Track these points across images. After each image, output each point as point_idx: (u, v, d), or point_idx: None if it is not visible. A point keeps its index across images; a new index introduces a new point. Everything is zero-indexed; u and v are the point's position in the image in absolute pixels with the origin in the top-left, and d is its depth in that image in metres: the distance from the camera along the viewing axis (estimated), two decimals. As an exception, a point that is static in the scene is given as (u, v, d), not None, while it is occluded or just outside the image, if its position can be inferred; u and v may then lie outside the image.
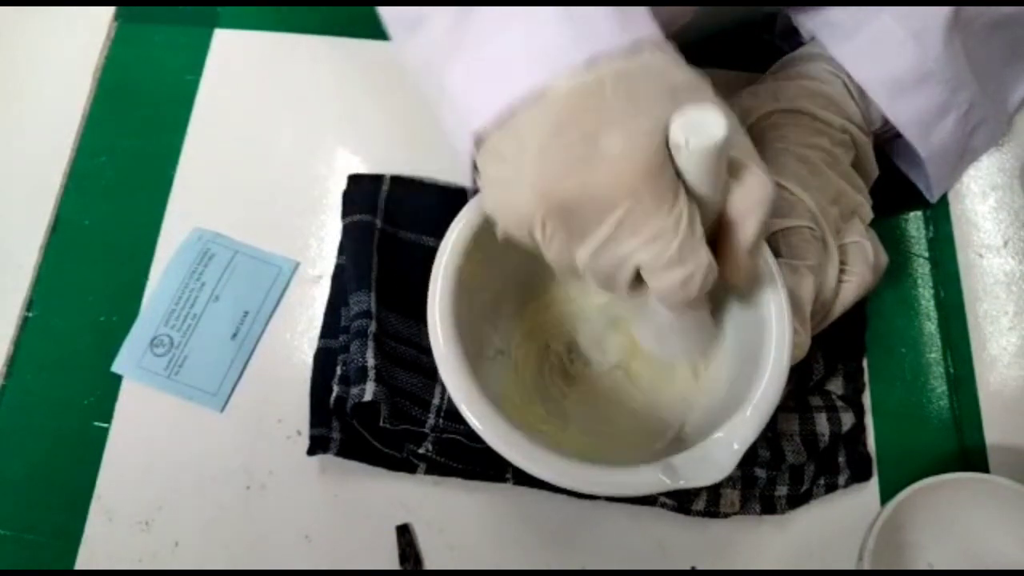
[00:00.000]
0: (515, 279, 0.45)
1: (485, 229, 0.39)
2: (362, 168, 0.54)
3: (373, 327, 0.46)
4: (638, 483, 0.37)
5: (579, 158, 0.31)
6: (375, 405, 0.44)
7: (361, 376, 0.44)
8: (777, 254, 0.42)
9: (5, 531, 0.45)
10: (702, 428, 0.40)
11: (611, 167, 0.31)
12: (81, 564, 0.44)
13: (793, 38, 0.54)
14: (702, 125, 0.30)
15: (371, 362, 0.45)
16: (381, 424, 0.44)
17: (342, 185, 0.53)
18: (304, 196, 0.53)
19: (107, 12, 0.58)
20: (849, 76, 0.47)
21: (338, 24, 0.58)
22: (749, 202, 0.33)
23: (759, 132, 0.47)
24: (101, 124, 0.55)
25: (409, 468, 0.46)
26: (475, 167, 0.36)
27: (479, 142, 0.34)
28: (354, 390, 0.44)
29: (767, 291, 0.41)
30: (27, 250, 0.51)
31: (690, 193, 0.32)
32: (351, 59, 0.57)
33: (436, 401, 0.46)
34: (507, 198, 0.33)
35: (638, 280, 0.34)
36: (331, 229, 0.52)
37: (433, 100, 0.37)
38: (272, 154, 0.54)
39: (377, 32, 0.42)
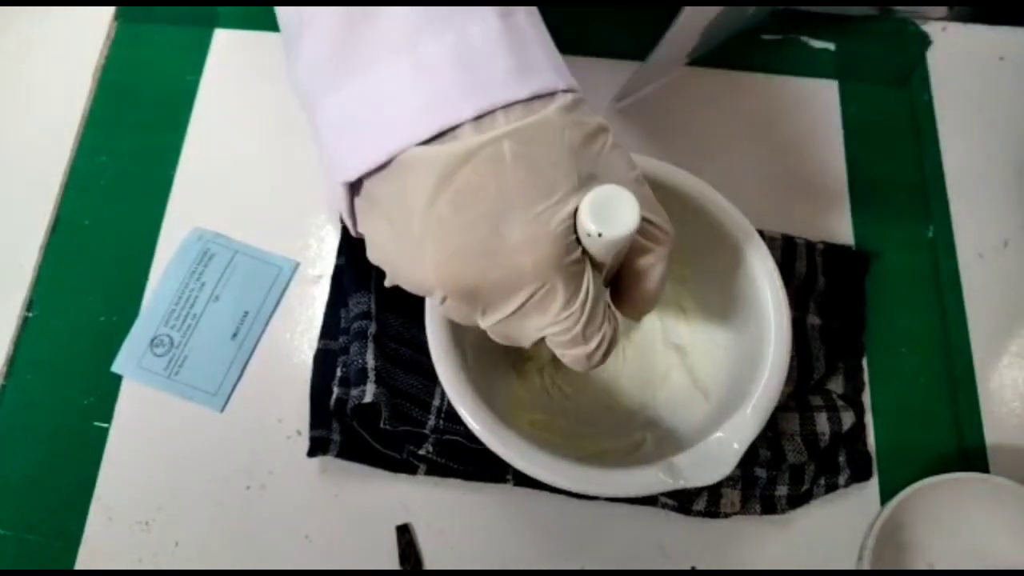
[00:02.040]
0: None
1: None
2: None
3: (373, 328, 0.46)
4: (639, 484, 0.37)
5: (480, 244, 0.29)
6: (375, 406, 0.44)
7: (361, 377, 0.44)
8: None
9: (5, 531, 0.45)
10: (702, 428, 0.41)
11: (514, 258, 0.29)
12: (81, 564, 0.44)
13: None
14: (613, 215, 0.29)
15: (371, 363, 0.45)
16: (381, 425, 0.44)
17: (342, 185, 0.53)
18: (304, 196, 0.53)
19: (107, 12, 0.58)
20: None
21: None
22: (651, 261, 0.33)
23: None
24: (101, 124, 0.55)
25: (409, 469, 0.46)
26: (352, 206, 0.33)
27: (356, 187, 0.32)
28: (354, 391, 0.44)
29: (766, 291, 0.41)
30: (27, 250, 0.51)
31: (594, 265, 0.32)
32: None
33: (436, 402, 0.46)
34: (402, 268, 0.32)
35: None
36: (331, 229, 0.52)
37: (310, 127, 0.34)
38: (272, 153, 0.54)
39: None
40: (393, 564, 0.45)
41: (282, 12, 0.34)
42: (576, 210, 0.29)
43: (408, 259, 0.31)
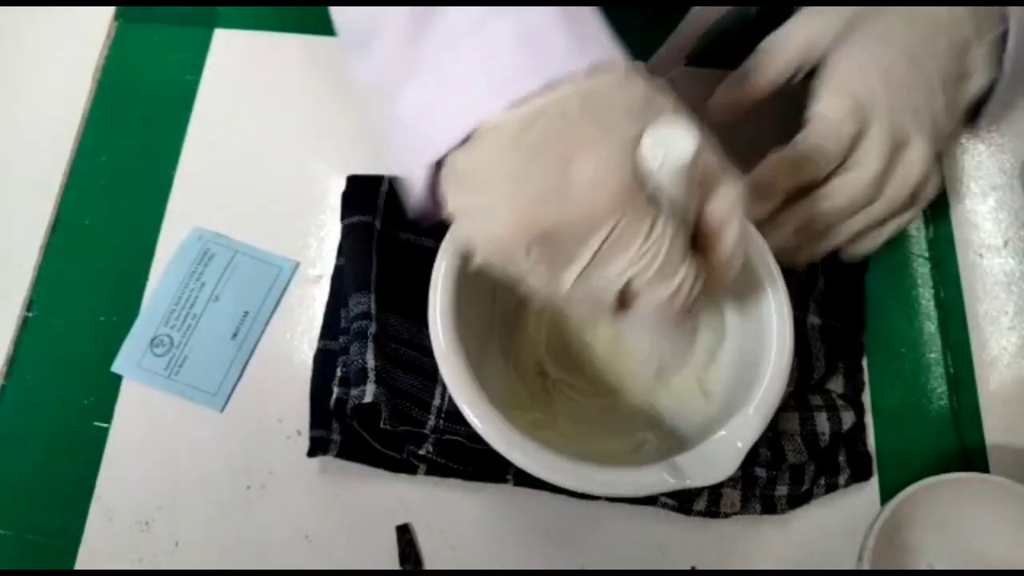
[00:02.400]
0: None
1: None
2: (362, 168, 0.54)
3: (373, 328, 0.46)
4: (642, 483, 0.37)
5: (554, 186, 0.31)
6: (375, 406, 0.44)
7: (361, 378, 0.44)
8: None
9: (5, 531, 0.45)
10: (704, 428, 0.41)
11: (587, 193, 0.31)
12: (81, 564, 0.44)
13: None
14: (673, 140, 0.31)
15: (371, 363, 0.45)
16: (381, 425, 0.44)
17: (342, 185, 0.53)
18: (304, 196, 0.53)
19: (107, 12, 0.58)
20: None
21: (338, 24, 0.58)
22: (725, 209, 0.34)
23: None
24: (101, 124, 0.55)
25: (409, 469, 0.46)
26: (432, 192, 0.35)
27: (436, 168, 0.34)
28: (354, 392, 0.44)
29: (767, 291, 0.41)
30: (27, 250, 0.51)
31: (667, 205, 0.33)
32: (351, 59, 0.57)
33: (436, 402, 0.46)
34: (485, 229, 0.33)
35: (621, 302, 0.34)
36: (331, 229, 0.52)
37: (383, 121, 0.37)
38: (272, 154, 0.54)
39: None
40: (393, 564, 0.45)
41: (344, 13, 0.38)
42: (641, 147, 0.31)
43: (491, 220, 0.32)
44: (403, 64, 0.34)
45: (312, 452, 0.45)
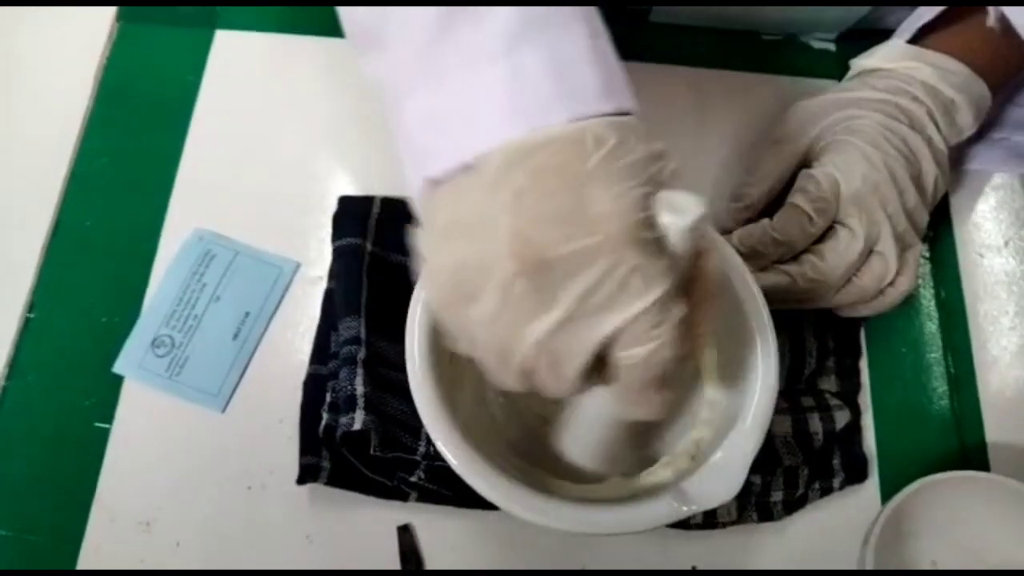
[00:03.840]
0: None
1: None
2: (362, 168, 0.54)
3: (363, 353, 0.45)
4: (650, 517, 0.36)
5: (560, 212, 0.28)
6: (365, 433, 0.43)
7: (350, 404, 0.44)
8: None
9: (7, 531, 0.45)
10: (704, 448, 0.40)
11: (601, 222, 0.28)
12: (82, 564, 0.44)
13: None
14: (681, 204, 0.30)
15: (360, 390, 0.44)
16: (372, 452, 0.44)
17: (343, 185, 0.53)
18: (305, 196, 0.53)
19: (107, 12, 0.58)
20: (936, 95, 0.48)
21: (338, 25, 0.58)
22: (707, 289, 0.32)
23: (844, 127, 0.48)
24: (102, 125, 0.55)
25: (400, 496, 0.45)
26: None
27: (431, 185, 0.32)
28: (343, 419, 0.44)
29: (748, 309, 0.41)
30: (28, 251, 0.51)
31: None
32: (351, 59, 0.57)
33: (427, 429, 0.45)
34: (468, 250, 0.30)
35: (593, 369, 0.31)
36: (331, 230, 0.52)
37: (388, 119, 0.35)
38: (273, 154, 0.54)
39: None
40: (393, 564, 0.45)
41: (356, 12, 0.36)
42: (652, 200, 0.30)
43: (478, 239, 0.29)
44: (420, 67, 0.32)
45: (302, 480, 0.45)
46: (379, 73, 0.34)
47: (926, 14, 0.49)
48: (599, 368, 0.31)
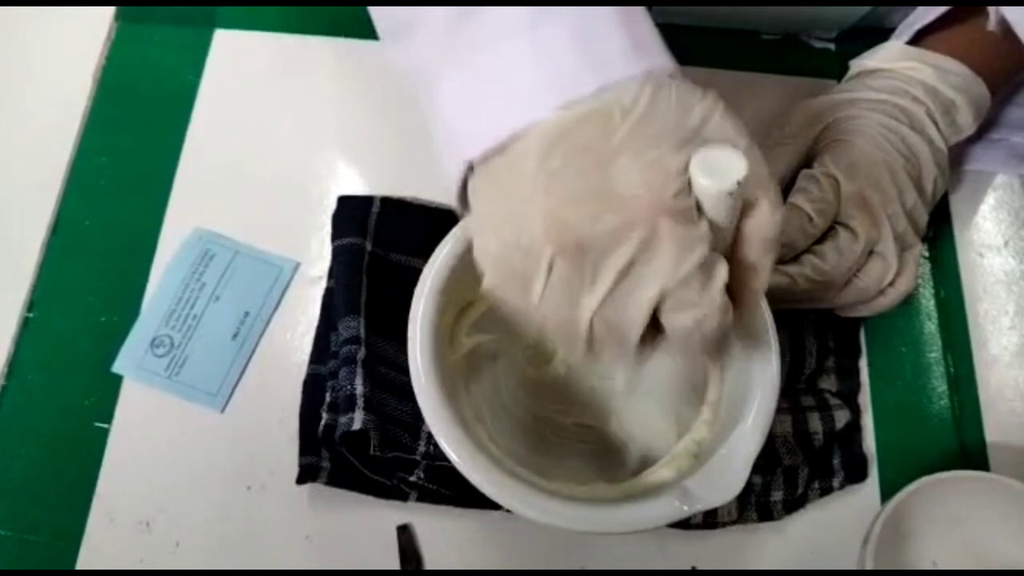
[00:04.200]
0: None
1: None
2: (362, 168, 0.54)
3: (362, 353, 0.45)
4: (653, 516, 0.36)
5: (592, 189, 0.29)
6: (364, 433, 0.43)
7: (350, 404, 0.44)
8: None
9: (6, 531, 0.45)
10: (705, 448, 0.40)
11: (626, 199, 0.28)
12: (82, 564, 0.44)
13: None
14: (720, 166, 0.29)
15: (359, 390, 0.44)
16: (371, 452, 0.43)
17: (343, 185, 0.53)
18: (304, 196, 0.53)
19: (107, 12, 0.58)
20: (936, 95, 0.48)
21: (338, 25, 0.58)
22: (761, 243, 0.31)
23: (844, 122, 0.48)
24: (101, 124, 0.55)
25: (400, 496, 0.45)
26: (464, 193, 0.33)
27: (472, 167, 0.32)
28: (343, 419, 0.44)
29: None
30: (27, 250, 0.51)
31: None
32: (351, 59, 0.57)
33: (427, 428, 0.45)
34: (509, 233, 0.30)
35: (644, 338, 0.31)
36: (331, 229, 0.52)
37: (423, 108, 0.35)
38: (272, 154, 0.54)
39: (377, 33, 0.42)
40: (393, 564, 0.45)
41: (382, 10, 0.36)
42: (688, 164, 0.29)
43: (516, 222, 0.30)
44: (445, 52, 0.32)
45: (301, 479, 0.45)
46: (409, 60, 0.35)
47: (925, 16, 0.49)
48: (659, 329, 0.31)
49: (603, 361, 0.32)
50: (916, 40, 0.50)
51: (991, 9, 0.47)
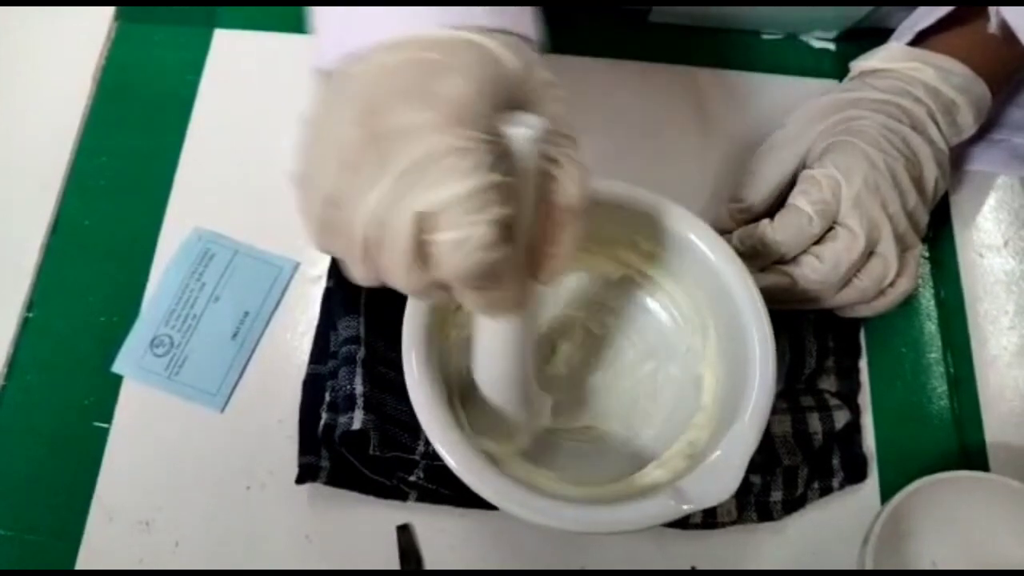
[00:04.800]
0: None
1: None
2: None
3: (362, 353, 0.45)
4: (647, 515, 0.36)
5: (413, 88, 0.30)
6: (364, 433, 0.43)
7: (350, 404, 0.44)
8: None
9: (5, 531, 0.45)
10: (701, 448, 0.40)
11: (441, 102, 0.29)
12: (81, 564, 0.44)
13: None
14: (530, 122, 0.30)
15: (359, 389, 0.44)
16: (371, 452, 0.43)
17: (342, 185, 0.53)
18: (304, 196, 0.53)
19: (107, 12, 0.58)
20: (936, 95, 0.48)
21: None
22: (560, 210, 0.32)
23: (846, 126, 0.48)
24: (101, 124, 0.55)
25: (399, 496, 0.45)
26: None
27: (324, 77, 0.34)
28: (342, 418, 0.44)
29: (745, 307, 0.41)
30: (27, 250, 0.51)
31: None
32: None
33: None
34: (329, 117, 0.32)
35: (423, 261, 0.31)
36: (331, 229, 0.52)
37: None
38: (272, 154, 0.54)
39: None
40: (393, 564, 0.45)
41: None
42: (499, 108, 0.30)
43: (340, 108, 0.31)
44: None
45: (301, 479, 0.45)
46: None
47: (926, 17, 0.49)
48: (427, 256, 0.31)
49: (381, 275, 0.32)
50: (917, 41, 0.50)
51: (992, 11, 0.47)
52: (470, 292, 0.32)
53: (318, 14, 0.35)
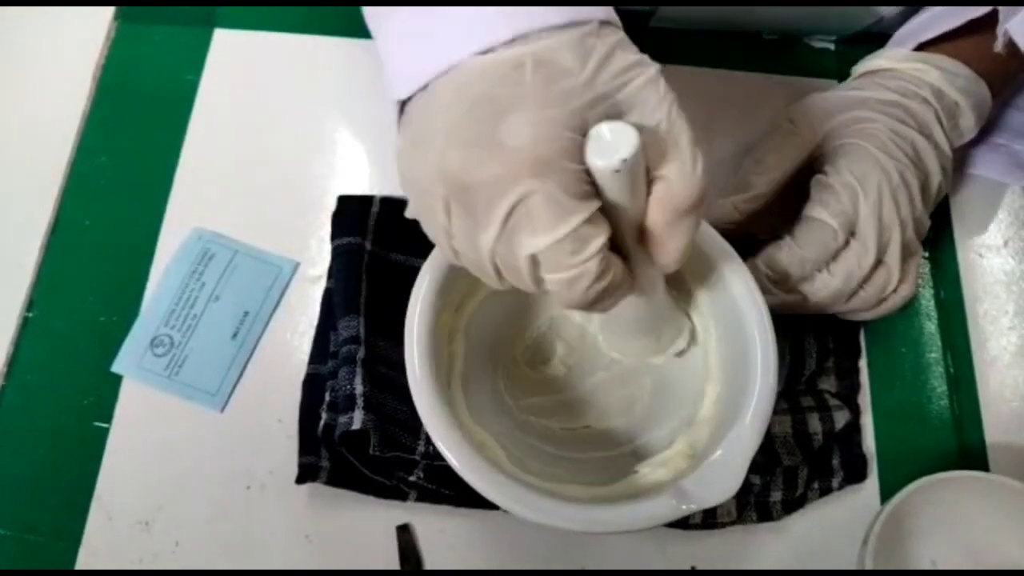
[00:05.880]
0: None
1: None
2: (362, 168, 0.54)
3: (362, 353, 0.45)
4: (649, 515, 0.36)
5: (484, 137, 0.30)
6: (364, 433, 0.43)
7: (349, 404, 0.44)
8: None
9: (5, 531, 0.45)
10: (702, 449, 0.40)
11: (511, 151, 0.29)
12: (81, 564, 0.44)
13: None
14: (611, 143, 0.29)
15: (359, 389, 0.44)
16: (371, 452, 0.43)
17: (342, 185, 0.53)
18: (304, 196, 0.53)
19: (107, 12, 0.58)
20: (940, 96, 0.48)
21: (338, 24, 0.58)
22: (662, 214, 0.32)
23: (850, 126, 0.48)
24: (101, 124, 0.55)
25: (399, 496, 0.45)
26: None
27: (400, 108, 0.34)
28: (342, 418, 0.44)
29: (746, 308, 0.41)
30: (27, 250, 0.51)
31: (604, 200, 0.31)
32: (350, 58, 0.57)
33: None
34: (414, 172, 0.32)
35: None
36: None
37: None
38: (272, 154, 0.54)
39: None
40: (393, 564, 0.45)
41: None
42: (585, 127, 0.30)
43: (420, 161, 0.31)
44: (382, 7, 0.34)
45: (301, 479, 0.45)
46: (364, 9, 0.36)
47: (925, 31, 0.49)
48: None
49: (520, 286, 0.33)
50: (917, 49, 0.49)
51: (999, 32, 0.46)
52: (577, 306, 0.33)
53: (380, 44, 0.34)
